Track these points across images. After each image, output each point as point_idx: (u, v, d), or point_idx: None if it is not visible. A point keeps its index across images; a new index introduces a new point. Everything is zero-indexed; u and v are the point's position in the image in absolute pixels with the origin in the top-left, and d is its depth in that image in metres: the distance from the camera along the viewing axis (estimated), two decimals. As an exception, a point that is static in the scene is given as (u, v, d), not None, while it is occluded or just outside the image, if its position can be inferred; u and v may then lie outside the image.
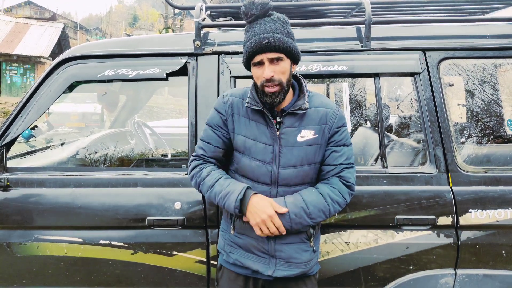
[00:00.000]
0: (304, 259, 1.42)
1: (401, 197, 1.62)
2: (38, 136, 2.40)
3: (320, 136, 1.39)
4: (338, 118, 1.42)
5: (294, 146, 1.37)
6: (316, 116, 1.40)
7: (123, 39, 1.93)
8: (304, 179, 1.40)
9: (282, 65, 1.33)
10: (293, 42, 1.35)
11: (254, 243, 1.41)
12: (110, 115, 3.64)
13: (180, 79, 1.87)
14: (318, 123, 1.39)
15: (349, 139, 1.45)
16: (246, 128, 1.41)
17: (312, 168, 1.40)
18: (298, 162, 1.37)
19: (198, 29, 1.75)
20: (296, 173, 1.38)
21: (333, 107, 1.43)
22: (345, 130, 1.44)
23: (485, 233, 1.62)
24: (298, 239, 1.42)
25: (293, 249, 1.41)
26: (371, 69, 1.73)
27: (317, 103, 1.42)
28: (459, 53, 1.73)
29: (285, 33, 1.33)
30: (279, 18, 1.34)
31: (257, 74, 1.36)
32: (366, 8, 1.71)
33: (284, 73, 1.33)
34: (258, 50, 1.31)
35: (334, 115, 1.42)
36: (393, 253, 1.63)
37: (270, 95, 1.33)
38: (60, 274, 1.70)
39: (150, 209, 1.66)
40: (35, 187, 1.71)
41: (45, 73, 1.79)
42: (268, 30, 1.31)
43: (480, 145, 2.12)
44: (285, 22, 1.36)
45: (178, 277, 1.68)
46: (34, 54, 17.25)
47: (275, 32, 1.31)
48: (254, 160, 1.38)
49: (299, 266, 1.41)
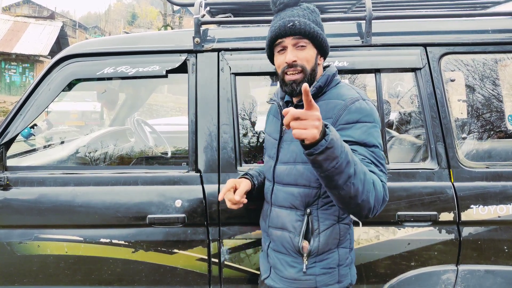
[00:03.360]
0: (287, 274, 1.26)
1: (403, 193, 1.62)
2: (37, 135, 2.39)
3: None
4: (349, 112, 1.18)
5: (292, 141, 1.26)
6: (324, 108, 1.21)
7: (122, 36, 1.92)
8: (297, 179, 1.25)
9: (306, 51, 1.24)
10: (320, 30, 1.26)
11: (262, 242, 1.43)
12: (109, 113, 3.63)
13: (180, 77, 1.86)
14: (324, 117, 1.17)
15: (372, 139, 1.17)
16: (269, 125, 1.42)
17: (308, 169, 1.22)
18: (292, 159, 1.26)
19: (197, 26, 1.73)
20: (288, 171, 1.27)
21: (346, 99, 1.21)
22: (362, 126, 1.17)
23: (487, 228, 1.62)
24: (284, 249, 1.28)
25: (278, 258, 1.30)
26: (372, 64, 1.72)
27: (334, 94, 1.26)
28: (460, 48, 1.72)
29: (313, 20, 1.25)
30: (308, 7, 1.27)
31: (279, 62, 1.27)
32: (367, 3, 1.69)
33: (308, 61, 1.24)
34: (282, 32, 1.22)
35: (343, 108, 1.19)
36: (395, 250, 1.63)
37: (290, 83, 1.24)
38: (61, 273, 1.70)
39: (150, 207, 1.65)
40: (35, 186, 1.71)
41: (44, 72, 1.78)
42: (295, 15, 1.23)
43: (481, 140, 2.11)
44: (315, 11, 1.28)
45: (179, 275, 1.68)
46: (33, 52, 17.23)
47: (302, 17, 1.23)
48: (267, 156, 1.39)
49: (282, 280, 1.28)
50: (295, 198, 1.26)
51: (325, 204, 1.25)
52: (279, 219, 1.31)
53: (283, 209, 1.30)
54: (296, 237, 1.25)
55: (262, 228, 1.45)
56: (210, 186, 1.67)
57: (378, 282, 1.65)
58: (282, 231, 1.30)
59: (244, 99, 2.48)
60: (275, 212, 1.32)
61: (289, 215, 1.28)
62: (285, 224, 1.28)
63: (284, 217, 1.29)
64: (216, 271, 1.67)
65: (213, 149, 1.70)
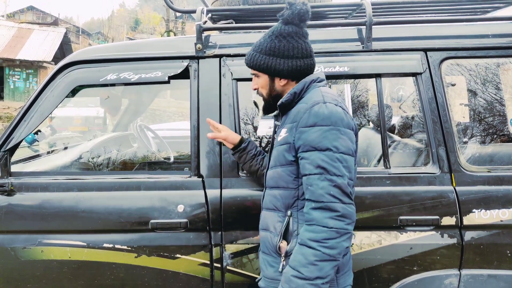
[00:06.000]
0: (268, 273, 1.33)
1: (404, 198, 1.62)
2: (41, 141, 2.41)
3: (290, 135, 1.27)
4: (308, 115, 1.21)
5: (275, 147, 1.38)
6: (294, 113, 1.30)
7: (125, 43, 1.94)
8: (278, 182, 1.32)
9: (260, 79, 1.40)
10: (268, 58, 1.32)
11: None
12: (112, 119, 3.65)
13: (182, 82, 1.87)
14: (292, 121, 1.28)
15: (326, 142, 1.18)
16: None
17: (285, 171, 1.29)
18: (273, 163, 1.36)
19: (199, 32, 1.75)
20: (272, 174, 1.37)
21: (309, 102, 1.24)
22: (318, 130, 1.18)
23: (489, 233, 1.61)
24: (266, 249, 1.35)
25: (262, 258, 1.38)
26: (372, 70, 1.73)
27: (304, 99, 1.30)
28: (460, 53, 1.73)
29: (263, 49, 1.33)
30: (272, 32, 1.34)
31: None
32: (367, 9, 1.71)
33: (263, 87, 1.40)
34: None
35: (304, 111, 1.23)
36: (397, 254, 1.63)
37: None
38: (64, 278, 1.70)
39: (153, 212, 1.66)
40: (39, 191, 1.72)
41: (48, 78, 1.79)
42: (255, 45, 1.38)
43: (483, 144, 2.11)
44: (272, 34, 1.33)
45: (181, 280, 1.68)
46: (37, 58, 17.35)
47: (254, 49, 1.37)
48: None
49: (265, 280, 1.35)
50: (277, 200, 1.34)
51: (303, 206, 1.25)
52: (264, 220, 1.40)
53: (268, 211, 1.38)
54: (275, 237, 1.31)
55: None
56: (212, 191, 1.68)
57: (381, 287, 1.65)
58: (265, 232, 1.38)
59: (246, 104, 2.49)
60: (263, 214, 1.42)
61: (272, 216, 1.35)
62: (267, 225, 1.37)
63: (268, 218, 1.37)
64: (218, 276, 1.67)
65: (215, 154, 1.71)
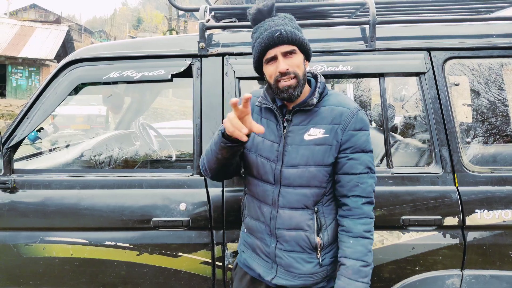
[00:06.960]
0: (305, 270, 1.34)
1: (407, 198, 1.61)
2: (44, 138, 2.41)
3: (331, 136, 1.30)
4: (356, 120, 1.31)
5: (300, 145, 1.31)
6: (329, 114, 1.32)
7: (127, 41, 1.94)
8: (309, 181, 1.31)
9: (296, 58, 1.29)
10: (303, 36, 1.32)
11: (259, 244, 1.40)
12: (115, 117, 3.66)
13: (185, 81, 1.87)
14: (331, 122, 1.31)
15: (370, 145, 1.33)
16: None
17: (320, 171, 1.31)
18: (303, 162, 1.30)
19: (202, 31, 1.75)
20: (300, 173, 1.31)
21: (351, 107, 1.33)
22: (364, 135, 1.32)
23: (492, 233, 1.61)
24: (299, 248, 1.35)
25: (293, 257, 1.35)
26: (375, 69, 1.72)
27: (334, 101, 1.34)
28: (464, 53, 1.72)
29: (294, 27, 1.30)
30: (285, 16, 1.32)
31: (270, 71, 1.31)
32: (371, 8, 1.70)
33: (299, 66, 1.29)
34: (271, 43, 1.26)
35: (351, 115, 1.31)
36: (399, 254, 1.62)
37: (286, 89, 1.28)
38: (66, 275, 1.71)
39: (155, 210, 1.66)
40: (41, 188, 1.72)
41: (51, 76, 1.80)
42: (278, 24, 1.28)
43: (486, 145, 2.11)
44: (292, 19, 1.34)
45: (183, 278, 1.69)
46: (39, 56, 17.40)
47: (285, 26, 1.27)
48: (260, 157, 1.37)
49: (299, 277, 1.34)
50: (308, 199, 1.33)
51: (327, 200, 1.36)
52: (293, 220, 1.34)
53: (296, 210, 1.34)
54: (312, 234, 1.33)
55: (259, 231, 1.41)
56: (214, 190, 1.68)
57: (383, 287, 1.65)
58: (297, 231, 1.34)
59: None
60: (287, 214, 1.35)
61: (301, 215, 1.33)
62: (300, 224, 1.34)
63: (297, 217, 1.34)
64: (220, 275, 1.67)
65: (217, 153, 1.70)
